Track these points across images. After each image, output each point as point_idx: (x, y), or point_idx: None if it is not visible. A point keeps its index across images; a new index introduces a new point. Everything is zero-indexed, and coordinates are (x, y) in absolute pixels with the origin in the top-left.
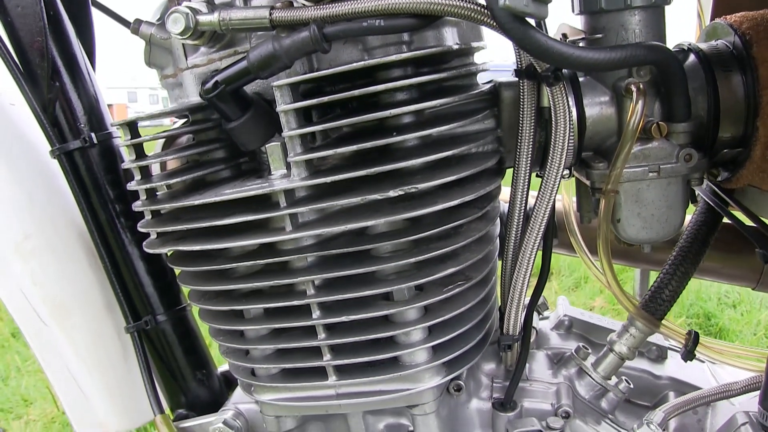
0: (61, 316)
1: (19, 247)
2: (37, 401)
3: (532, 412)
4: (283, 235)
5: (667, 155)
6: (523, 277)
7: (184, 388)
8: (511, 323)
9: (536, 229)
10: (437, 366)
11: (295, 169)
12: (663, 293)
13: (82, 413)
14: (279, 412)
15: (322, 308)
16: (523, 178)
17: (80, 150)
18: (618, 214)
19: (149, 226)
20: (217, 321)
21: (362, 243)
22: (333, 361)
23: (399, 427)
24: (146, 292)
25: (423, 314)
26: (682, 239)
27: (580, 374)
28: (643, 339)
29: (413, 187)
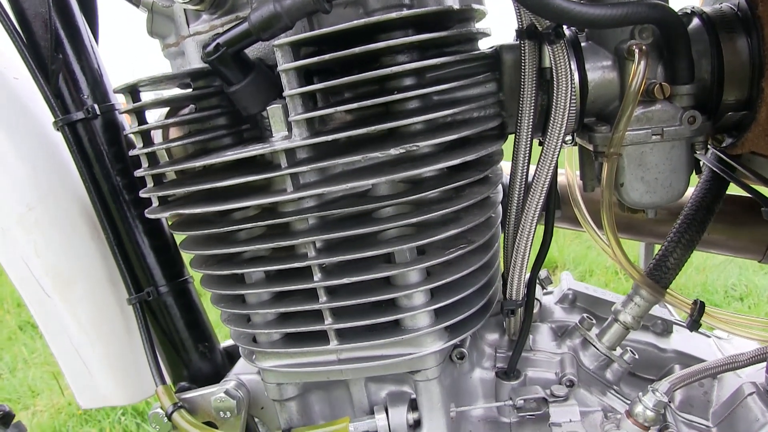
0: (63, 288)
1: (23, 219)
2: (44, 392)
3: (536, 381)
4: (285, 196)
5: (671, 118)
6: (525, 240)
7: (186, 360)
8: (514, 288)
9: (538, 190)
10: (439, 330)
11: (296, 130)
12: (668, 261)
13: (84, 386)
14: (280, 379)
15: (323, 271)
16: (524, 142)
17: (83, 121)
18: (621, 178)
19: (151, 191)
20: (219, 287)
21: (363, 205)
22: (334, 324)
23: (401, 394)
24: (148, 264)
25: (425, 278)
26: (687, 207)
27: (584, 345)
28: (647, 308)
29: (414, 146)
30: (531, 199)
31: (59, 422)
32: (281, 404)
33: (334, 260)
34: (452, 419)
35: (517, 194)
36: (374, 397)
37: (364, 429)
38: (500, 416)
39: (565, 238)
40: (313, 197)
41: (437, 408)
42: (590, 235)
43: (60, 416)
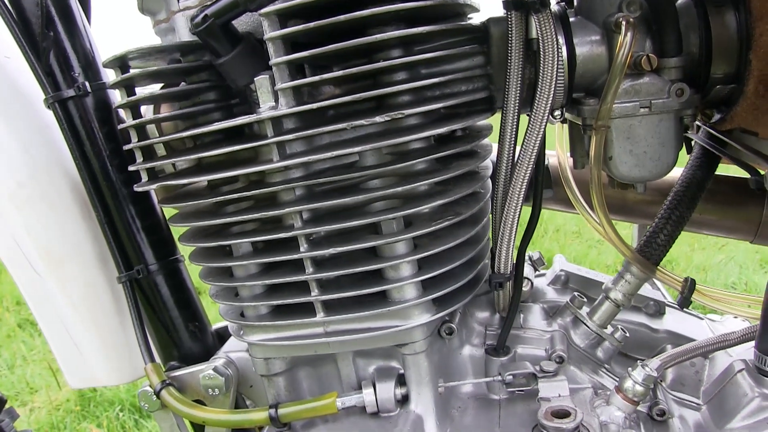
0: (54, 267)
1: (14, 196)
2: (42, 389)
3: (525, 358)
4: (271, 165)
5: (659, 90)
6: (513, 213)
7: (176, 340)
8: (503, 261)
9: (525, 161)
10: (427, 303)
11: (283, 99)
12: (658, 237)
13: (74, 366)
14: (268, 353)
15: (309, 242)
16: (512, 114)
17: (74, 99)
18: (610, 152)
19: (140, 165)
20: (207, 260)
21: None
22: (321, 296)
23: (389, 369)
24: (138, 242)
25: (411, 249)
26: (677, 184)
27: (575, 323)
28: (638, 285)
29: (400, 113)
30: (518, 171)
31: (57, 418)
32: (269, 380)
33: (321, 229)
34: (440, 395)
35: (505, 167)
36: (362, 373)
37: (351, 404)
38: (490, 393)
39: (566, 237)
40: (300, 168)
41: (425, 382)
42: (582, 214)
43: (58, 412)
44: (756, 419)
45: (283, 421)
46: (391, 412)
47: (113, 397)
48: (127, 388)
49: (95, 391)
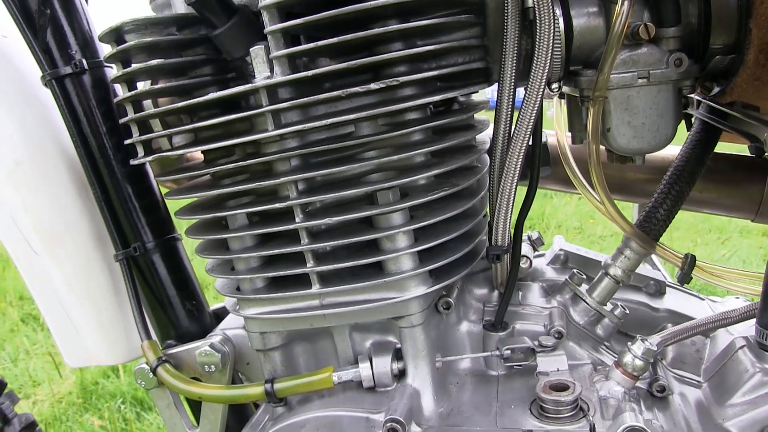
0: (51, 245)
1: (11, 175)
2: (45, 382)
3: (524, 334)
4: (266, 134)
5: (657, 61)
6: (510, 184)
7: (173, 319)
8: (500, 233)
9: (522, 131)
10: (423, 275)
11: (278, 68)
12: (658, 212)
13: (71, 344)
14: (263, 327)
15: (305, 212)
16: (508, 85)
17: (71, 76)
18: (608, 123)
19: (135, 138)
20: (204, 233)
21: (346, 147)
22: (316, 267)
23: (386, 344)
24: (135, 220)
25: (407, 220)
26: (677, 159)
27: (574, 300)
28: (638, 261)
29: (395, 80)
30: (515, 142)
31: (59, 410)
32: (265, 354)
33: (316, 199)
34: (438, 370)
35: (502, 138)
36: (359, 348)
37: (347, 378)
38: (488, 369)
39: (568, 233)
40: (296, 138)
41: (422, 356)
42: (581, 191)
43: (60, 405)
44: (757, 394)
45: (279, 396)
46: (387, 386)
47: (115, 389)
48: (129, 381)
49: (97, 384)
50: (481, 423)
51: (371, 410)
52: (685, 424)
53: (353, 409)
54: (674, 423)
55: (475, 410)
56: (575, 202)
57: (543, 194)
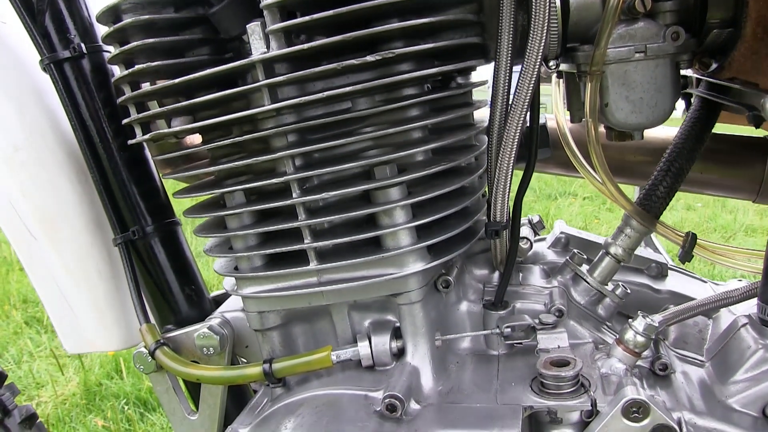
0: (50, 230)
1: (9, 160)
2: (48, 384)
3: (524, 312)
4: (262, 108)
5: (653, 35)
6: (507, 158)
7: (173, 304)
8: (498, 209)
9: (520, 105)
10: (421, 251)
11: (274, 42)
12: (658, 190)
13: (70, 330)
14: (262, 306)
15: (302, 188)
16: (505, 59)
17: (70, 60)
18: (606, 98)
19: (133, 120)
20: (202, 212)
21: (342, 121)
22: (314, 243)
23: (385, 323)
24: (134, 204)
25: (405, 195)
26: (676, 137)
27: (575, 280)
28: (639, 239)
29: (390, 52)
30: (512, 116)
31: (63, 412)
32: (263, 334)
33: (313, 173)
34: (438, 349)
35: (499, 114)
36: (358, 327)
37: (346, 357)
38: (488, 349)
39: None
40: (292, 114)
41: (421, 333)
42: (581, 171)
43: (64, 406)
44: (760, 370)
45: (277, 376)
46: (386, 365)
47: (118, 390)
48: (132, 382)
49: (100, 385)
50: (481, 400)
51: (370, 388)
52: (687, 402)
53: (352, 388)
54: (677, 400)
55: (475, 388)
56: (579, 201)
57: (547, 195)
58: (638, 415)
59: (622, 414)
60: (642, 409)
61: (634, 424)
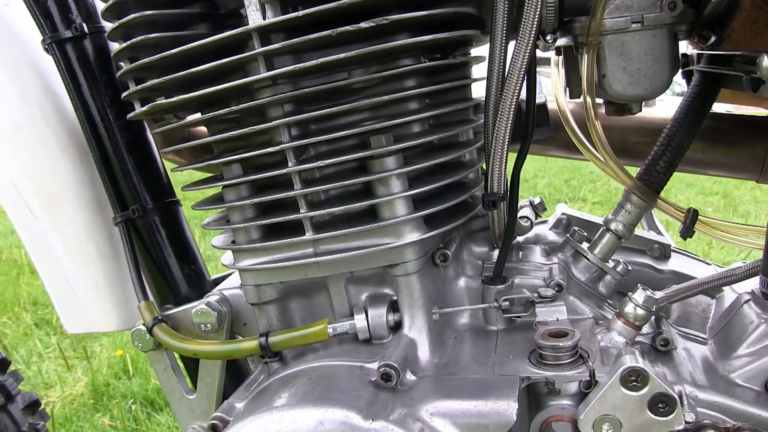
0: (51, 210)
1: (11, 139)
2: (57, 384)
3: (523, 287)
4: (258, 75)
5: (650, 5)
6: (504, 128)
7: (172, 284)
8: (495, 179)
9: (516, 73)
10: (418, 221)
11: (270, 11)
12: (658, 165)
13: (71, 310)
14: (258, 279)
15: (298, 158)
16: (501, 28)
17: (72, 40)
18: (603, 69)
19: (132, 94)
20: (201, 186)
21: (339, 93)
22: (309, 212)
23: (382, 296)
24: (134, 183)
25: (401, 165)
26: (676, 112)
27: (575, 257)
28: (639, 215)
29: (384, 19)
30: (508, 85)
31: (71, 411)
32: (260, 308)
33: (308, 142)
34: (435, 323)
35: (496, 83)
36: (355, 301)
37: (343, 330)
38: (487, 325)
39: None
40: (289, 84)
41: (418, 305)
42: (582, 150)
43: (72, 406)
44: (763, 344)
45: (273, 350)
46: (383, 338)
47: (126, 390)
48: (140, 382)
49: (108, 385)
50: (479, 372)
51: (366, 360)
52: (689, 377)
53: (348, 360)
54: (678, 375)
55: (472, 361)
56: (589, 206)
57: (557, 200)
58: (637, 383)
59: (620, 383)
60: (641, 378)
61: (633, 393)
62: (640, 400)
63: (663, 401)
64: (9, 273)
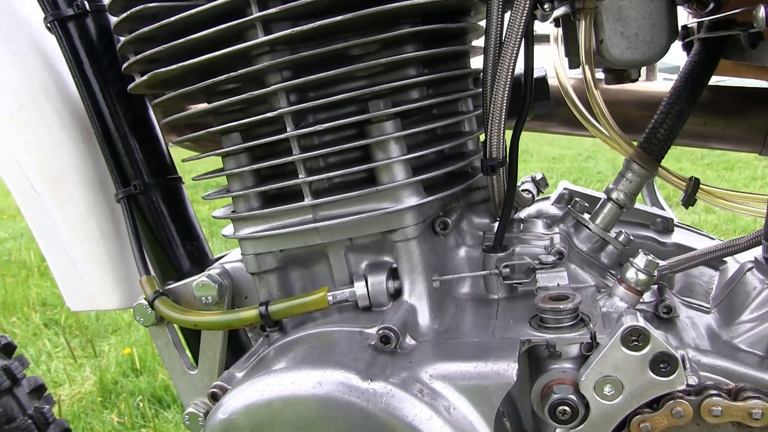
0: (54, 187)
1: (14, 117)
2: (66, 383)
3: (524, 255)
4: (256, 40)
5: None
6: (501, 93)
7: (174, 260)
8: (493, 144)
9: (513, 35)
10: (416, 186)
11: None
12: (658, 132)
13: (73, 287)
14: (258, 248)
15: (296, 123)
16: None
17: (73, 18)
18: (600, 35)
19: (132, 65)
20: (200, 155)
21: (337, 61)
22: (308, 177)
23: (381, 264)
24: (137, 159)
25: (399, 129)
26: (676, 80)
27: (577, 227)
28: (640, 184)
29: None
30: (506, 47)
31: (79, 409)
32: (260, 278)
33: (306, 106)
34: (435, 290)
35: (493, 47)
36: (354, 270)
37: (342, 297)
38: (488, 293)
39: None
40: (287, 50)
41: (418, 272)
42: (582, 121)
43: (81, 403)
44: (766, 309)
45: (273, 319)
46: (383, 305)
47: (134, 387)
48: (148, 380)
49: (116, 383)
50: (479, 337)
51: (365, 325)
52: (693, 342)
53: (347, 326)
54: (681, 340)
55: (473, 327)
56: None
57: None
58: (638, 343)
59: (621, 342)
60: (642, 337)
61: (634, 353)
62: (641, 360)
63: (665, 361)
64: (18, 274)
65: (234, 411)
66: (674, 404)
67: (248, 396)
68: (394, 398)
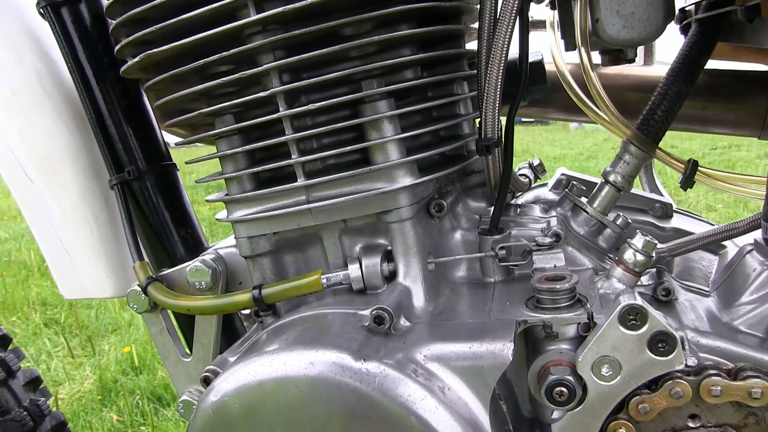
0: (47, 174)
1: (7, 104)
2: (66, 382)
3: (520, 237)
4: (248, 18)
5: None
6: (496, 72)
7: (168, 247)
8: (488, 124)
9: (507, 13)
10: (410, 166)
11: None
12: (656, 114)
13: (67, 275)
14: (251, 230)
15: (288, 101)
16: None
17: (66, 3)
18: (596, 14)
19: (125, 41)
20: (193, 133)
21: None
22: (301, 158)
23: (376, 246)
24: (130, 146)
25: (393, 108)
26: (674, 61)
27: (574, 211)
28: (638, 166)
29: None
30: (500, 26)
31: (79, 407)
32: (254, 261)
33: (299, 85)
34: (431, 273)
35: (488, 26)
36: (349, 253)
37: (337, 280)
38: (484, 277)
39: None
40: (280, 30)
41: (413, 253)
42: (580, 105)
43: (80, 402)
44: (766, 291)
45: (267, 302)
46: (378, 288)
47: (134, 386)
48: (148, 378)
49: (116, 381)
50: (474, 318)
51: (359, 307)
52: (692, 324)
53: (341, 308)
54: (680, 322)
55: (468, 309)
56: None
57: None
58: (636, 322)
59: (618, 322)
60: (639, 316)
61: (632, 332)
62: (639, 339)
63: (663, 340)
64: (18, 274)
65: (226, 393)
66: (673, 384)
67: (240, 378)
68: (388, 378)
